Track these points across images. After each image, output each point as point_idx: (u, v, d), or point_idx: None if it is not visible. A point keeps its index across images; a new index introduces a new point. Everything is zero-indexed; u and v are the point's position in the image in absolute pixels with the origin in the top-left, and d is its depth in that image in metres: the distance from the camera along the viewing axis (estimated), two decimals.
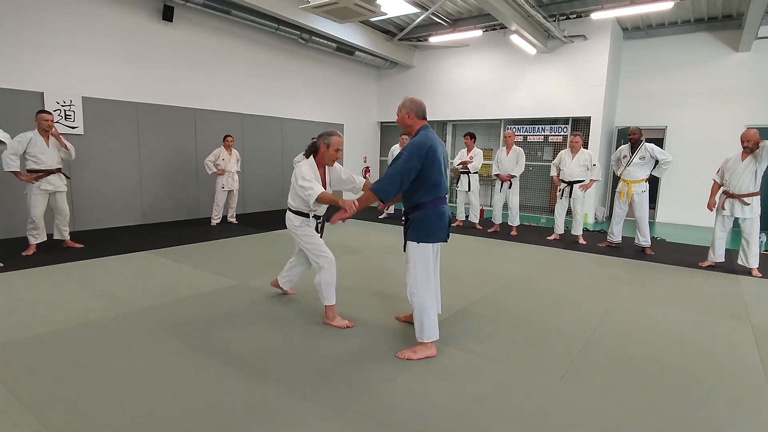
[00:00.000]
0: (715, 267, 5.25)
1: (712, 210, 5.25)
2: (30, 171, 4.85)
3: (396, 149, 7.78)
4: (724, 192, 5.14)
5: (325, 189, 3.24)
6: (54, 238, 5.25)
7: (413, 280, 2.73)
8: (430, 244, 2.75)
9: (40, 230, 4.99)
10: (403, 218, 2.87)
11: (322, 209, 3.34)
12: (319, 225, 3.41)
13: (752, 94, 8.12)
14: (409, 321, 3.20)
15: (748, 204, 4.92)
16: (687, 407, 2.31)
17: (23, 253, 4.89)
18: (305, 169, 3.13)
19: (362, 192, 3.05)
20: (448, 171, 10.39)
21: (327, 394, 2.32)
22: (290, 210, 3.32)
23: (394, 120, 10.95)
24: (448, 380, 2.50)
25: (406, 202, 2.82)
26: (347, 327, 3.21)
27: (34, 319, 3.20)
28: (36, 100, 5.80)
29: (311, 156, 3.22)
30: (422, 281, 2.72)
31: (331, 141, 3.15)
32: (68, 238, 5.30)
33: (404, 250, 2.84)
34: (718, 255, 5.23)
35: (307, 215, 3.29)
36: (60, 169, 5.07)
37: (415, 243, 2.72)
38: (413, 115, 2.77)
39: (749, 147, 4.84)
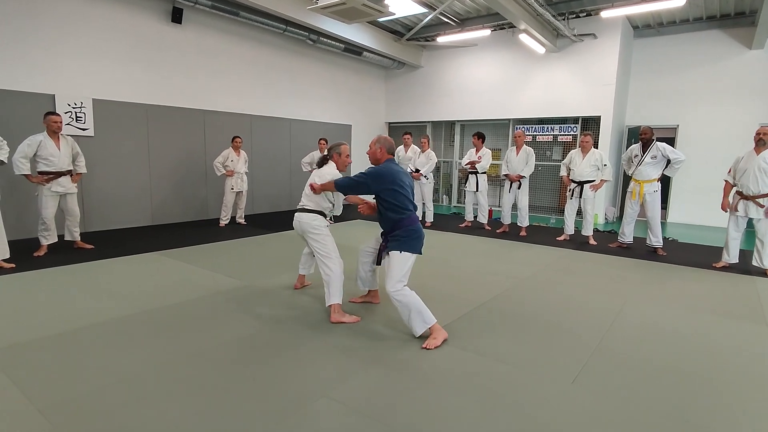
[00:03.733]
0: (729, 268, 5.16)
1: (726, 211, 5.17)
2: (41, 173, 4.90)
3: (400, 151, 7.74)
4: (738, 193, 5.07)
5: None
6: (65, 239, 5.29)
7: (396, 283, 2.96)
8: (411, 254, 3.05)
9: (51, 231, 5.04)
10: (383, 238, 3.20)
11: (338, 210, 3.65)
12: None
13: (766, 92, 7.98)
14: (365, 301, 3.70)
15: (763, 206, 4.84)
16: (703, 412, 2.27)
17: (35, 254, 4.95)
18: (333, 172, 3.49)
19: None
20: (456, 172, 10.34)
21: (337, 393, 2.30)
22: (310, 211, 3.48)
23: (402, 120, 10.90)
24: (457, 382, 2.48)
25: (385, 224, 3.16)
26: (356, 322, 3.29)
27: (46, 319, 3.22)
28: (47, 102, 5.87)
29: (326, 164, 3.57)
30: (402, 282, 2.99)
31: (341, 149, 3.55)
32: (79, 239, 5.35)
33: (378, 263, 3.31)
34: (732, 256, 5.15)
35: (325, 216, 3.52)
36: (70, 171, 5.11)
37: (398, 252, 3.02)
38: (384, 151, 3.22)
39: (764, 140, 4.79)
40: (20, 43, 5.67)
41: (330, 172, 3.49)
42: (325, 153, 3.69)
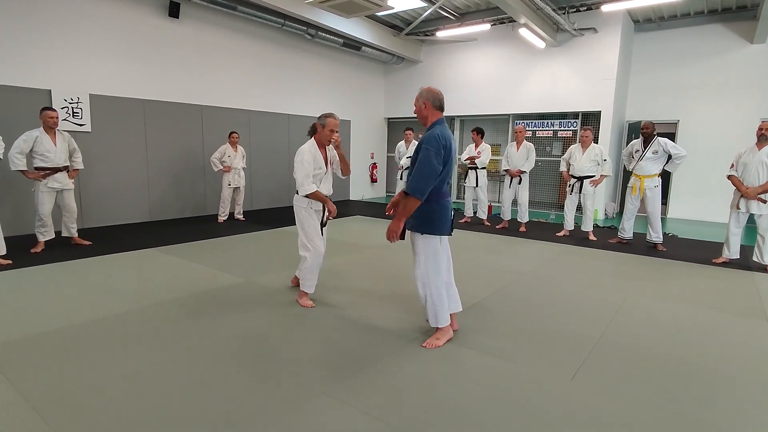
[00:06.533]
0: (730, 263, 5.15)
1: (750, 197, 4.90)
2: (37, 168, 4.87)
3: (401, 146, 7.71)
4: (739, 190, 5.04)
5: (327, 167, 3.46)
6: (62, 235, 5.26)
7: (423, 271, 2.78)
8: (436, 236, 2.77)
9: (48, 228, 5.01)
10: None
11: (300, 188, 3.35)
12: (325, 217, 3.54)
13: (767, 87, 7.94)
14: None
15: (765, 202, 4.82)
16: (703, 408, 2.25)
17: (32, 251, 4.92)
18: (305, 156, 3.29)
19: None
20: (456, 167, 10.29)
21: (335, 390, 2.28)
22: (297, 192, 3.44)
23: (402, 116, 10.83)
24: (456, 378, 2.46)
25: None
26: (311, 307, 3.47)
27: (42, 316, 3.20)
28: (44, 98, 5.82)
29: (312, 136, 3.43)
30: (432, 271, 2.79)
31: (326, 122, 3.32)
32: (76, 235, 5.31)
33: (402, 237, 2.80)
34: (732, 251, 5.13)
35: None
36: (67, 167, 5.08)
37: (419, 234, 2.76)
38: (430, 106, 2.74)
39: (766, 135, 4.76)
40: (15, 39, 5.61)
41: (300, 150, 3.31)
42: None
